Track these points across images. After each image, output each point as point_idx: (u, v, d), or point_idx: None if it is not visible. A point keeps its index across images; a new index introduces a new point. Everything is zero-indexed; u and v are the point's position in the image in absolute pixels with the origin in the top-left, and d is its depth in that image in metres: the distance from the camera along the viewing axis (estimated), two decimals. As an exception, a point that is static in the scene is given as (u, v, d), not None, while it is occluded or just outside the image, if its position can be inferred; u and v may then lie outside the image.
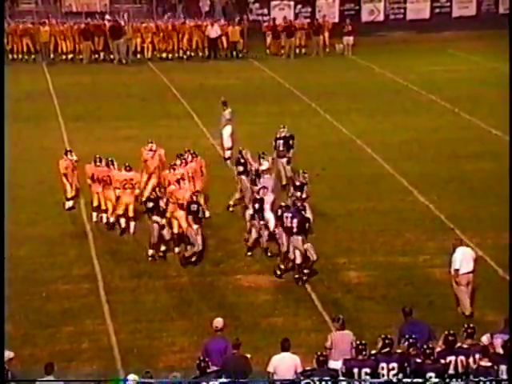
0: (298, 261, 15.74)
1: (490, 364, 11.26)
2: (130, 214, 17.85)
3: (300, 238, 15.70)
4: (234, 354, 11.92)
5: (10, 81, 31.17)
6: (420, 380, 11.10)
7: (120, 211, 17.90)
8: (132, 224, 17.88)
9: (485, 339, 11.86)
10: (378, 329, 13.49)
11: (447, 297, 15.13)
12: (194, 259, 16.50)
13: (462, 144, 23.55)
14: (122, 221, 17.92)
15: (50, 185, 19.87)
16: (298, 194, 16.79)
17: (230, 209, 18.82)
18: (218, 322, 12.67)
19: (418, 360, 11.34)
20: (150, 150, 19.23)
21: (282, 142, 20.15)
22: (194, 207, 16.47)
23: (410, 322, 12.75)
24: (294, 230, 15.69)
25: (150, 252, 16.81)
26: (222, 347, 12.10)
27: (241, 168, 18.72)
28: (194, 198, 16.73)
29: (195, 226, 16.40)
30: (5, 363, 11.36)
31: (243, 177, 18.57)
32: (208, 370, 11.32)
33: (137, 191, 18.09)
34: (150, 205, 16.72)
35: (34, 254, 17.22)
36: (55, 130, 25.37)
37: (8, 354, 11.57)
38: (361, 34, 37.04)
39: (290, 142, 20.21)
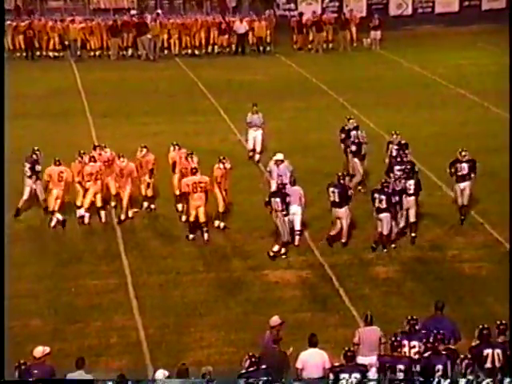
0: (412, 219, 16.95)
1: None
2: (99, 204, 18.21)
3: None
4: (274, 348, 11.90)
5: (38, 77, 31.50)
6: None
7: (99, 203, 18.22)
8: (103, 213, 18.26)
9: None
10: (406, 324, 13.41)
11: (476, 292, 15.03)
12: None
13: (491, 138, 23.33)
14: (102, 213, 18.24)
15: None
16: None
17: (361, 189, 19.42)
18: (272, 320, 12.54)
19: (425, 355, 11.33)
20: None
21: (355, 132, 20.34)
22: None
23: (434, 318, 12.60)
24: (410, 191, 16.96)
25: (282, 250, 16.60)
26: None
27: (354, 148, 19.37)
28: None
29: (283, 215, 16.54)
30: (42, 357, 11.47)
31: (356, 160, 19.38)
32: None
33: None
34: (278, 199, 16.61)
35: (62, 249, 17.33)
36: (83, 126, 25.50)
37: (44, 350, 11.66)
38: (388, 28, 36.84)
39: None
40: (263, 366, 11.26)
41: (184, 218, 17.92)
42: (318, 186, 19.04)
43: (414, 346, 11.70)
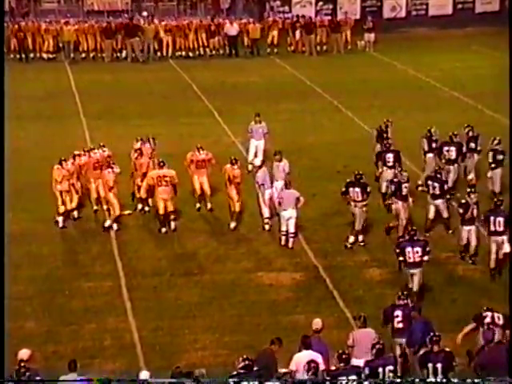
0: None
1: None
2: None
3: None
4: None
5: (32, 79, 31.45)
6: (455, 380, 11.10)
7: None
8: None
9: None
10: (400, 326, 13.40)
11: (470, 294, 15.04)
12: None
13: (486, 141, 23.38)
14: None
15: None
16: None
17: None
18: (316, 323, 12.48)
19: (421, 351, 11.39)
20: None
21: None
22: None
23: (420, 322, 12.53)
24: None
25: (359, 238, 17.03)
26: (322, 350, 11.84)
27: (434, 145, 19.80)
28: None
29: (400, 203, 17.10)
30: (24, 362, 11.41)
31: (431, 155, 19.63)
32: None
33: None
34: (358, 189, 16.93)
35: (57, 251, 17.32)
36: (77, 128, 25.48)
37: (25, 352, 11.59)
38: (382, 31, 36.93)
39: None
40: (255, 368, 11.26)
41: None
42: (313, 187, 19.08)
43: (417, 252, 14.13)
